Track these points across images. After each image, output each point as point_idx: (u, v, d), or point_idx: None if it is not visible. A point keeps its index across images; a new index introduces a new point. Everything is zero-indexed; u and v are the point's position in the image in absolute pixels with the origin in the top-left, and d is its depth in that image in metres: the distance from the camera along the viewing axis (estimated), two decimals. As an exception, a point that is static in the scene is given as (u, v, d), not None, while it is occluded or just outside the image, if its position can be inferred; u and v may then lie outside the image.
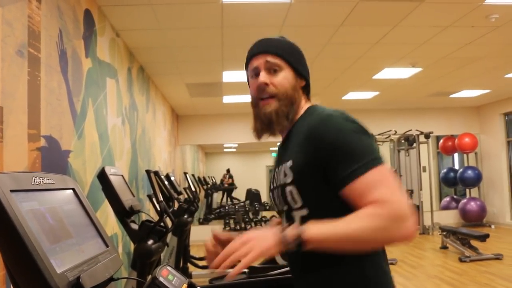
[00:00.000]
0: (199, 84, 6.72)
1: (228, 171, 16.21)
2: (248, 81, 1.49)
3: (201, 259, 5.59)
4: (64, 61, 2.73)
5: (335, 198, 1.24)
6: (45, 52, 2.45)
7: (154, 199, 3.03)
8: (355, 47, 5.13)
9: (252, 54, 1.45)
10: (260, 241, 1.15)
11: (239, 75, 6.11)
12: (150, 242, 2.67)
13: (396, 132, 9.09)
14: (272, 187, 1.45)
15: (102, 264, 1.20)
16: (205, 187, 12.33)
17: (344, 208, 1.22)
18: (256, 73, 1.42)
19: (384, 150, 10.77)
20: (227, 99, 7.88)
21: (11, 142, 2.04)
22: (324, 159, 1.22)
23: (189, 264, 5.36)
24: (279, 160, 1.43)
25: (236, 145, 15.50)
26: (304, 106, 1.44)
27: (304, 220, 1.28)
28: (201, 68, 5.85)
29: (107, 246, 1.33)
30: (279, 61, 1.40)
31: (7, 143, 2.00)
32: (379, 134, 8.96)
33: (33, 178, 1.14)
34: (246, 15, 3.89)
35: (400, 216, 1.12)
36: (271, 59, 1.39)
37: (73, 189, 1.35)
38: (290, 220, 1.34)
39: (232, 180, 15.95)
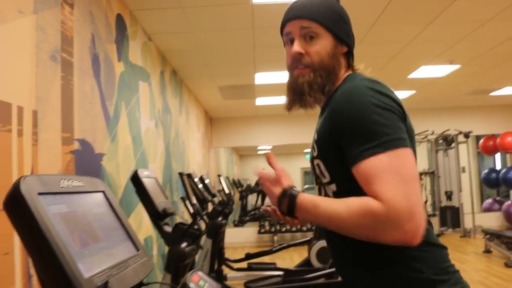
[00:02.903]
0: (232, 87, 6.72)
1: (263, 173, 16.17)
2: (285, 45, 1.38)
3: (236, 261, 5.56)
4: (96, 65, 2.76)
5: None
6: (78, 57, 2.48)
7: (187, 202, 3.02)
8: (389, 45, 5.01)
9: (287, 19, 1.32)
10: (270, 190, 1.22)
11: (271, 77, 6.06)
12: (184, 245, 2.66)
13: (433, 132, 8.84)
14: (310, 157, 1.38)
15: (132, 268, 1.17)
16: (239, 189, 12.33)
17: None
18: (290, 40, 1.31)
19: (421, 151, 10.51)
20: (260, 101, 7.86)
21: (45, 145, 2.06)
22: (340, 135, 1.13)
23: (224, 267, 5.34)
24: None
25: (271, 147, 15.47)
26: (343, 75, 1.31)
27: (335, 195, 1.21)
28: (233, 70, 5.84)
29: (137, 249, 1.30)
30: (315, 26, 1.26)
31: (41, 146, 2.02)
32: (416, 135, 8.73)
33: (62, 180, 1.13)
34: (276, 15, 3.82)
35: (393, 221, 1.00)
36: (306, 24, 1.26)
37: (103, 191, 1.33)
38: (324, 194, 1.27)
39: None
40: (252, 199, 14.78)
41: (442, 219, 9.23)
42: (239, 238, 9.09)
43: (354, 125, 1.10)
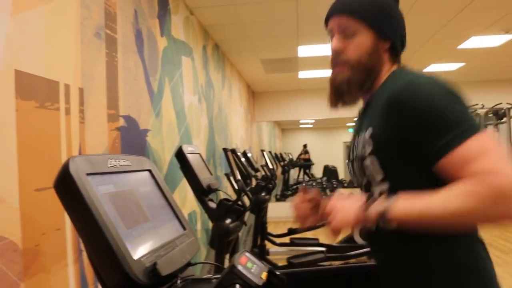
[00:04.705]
0: (274, 60, 6.63)
1: (304, 146, 16.06)
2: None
3: (278, 236, 5.58)
4: (140, 41, 2.75)
5: (419, 172, 1.10)
6: (122, 33, 2.47)
7: (231, 178, 3.02)
8: (439, 14, 4.77)
9: (328, 15, 1.32)
10: (341, 215, 1.12)
11: (315, 50, 5.92)
12: (228, 221, 2.66)
13: (483, 105, 8.46)
14: (351, 157, 1.33)
15: (179, 248, 1.16)
16: (282, 163, 12.32)
17: (429, 183, 1.08)
18: (332, 36, 1.31)
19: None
20: (303, 74, 7.73)
21: (92, 123, 2.08)
22: (411, 129, 1.07)
23: (266, 242, 5.37)
24: (358, 130, 1.30)
25: (313, 121, 15.32)
26: (388, 70, 1.28)
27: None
28: (275, 44, 5.74)
29: (184, 229, 1.29)
30: (354, 23, 1.24)
31: (88, 124, 2.04)
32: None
33: (109, 160, 1.12)
34: (322, -15, 3.71)
35: (505, 191, 0.93)
36: (345, 21, 1.25)
37: (149, 170, 1.32)
38: (370, 196, 1.21)
39: (309, 156, 15.78)
40: (294, 173, 14.76)
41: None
42: (281, 213, 9.10)
43: (432, 118, 1.05)
